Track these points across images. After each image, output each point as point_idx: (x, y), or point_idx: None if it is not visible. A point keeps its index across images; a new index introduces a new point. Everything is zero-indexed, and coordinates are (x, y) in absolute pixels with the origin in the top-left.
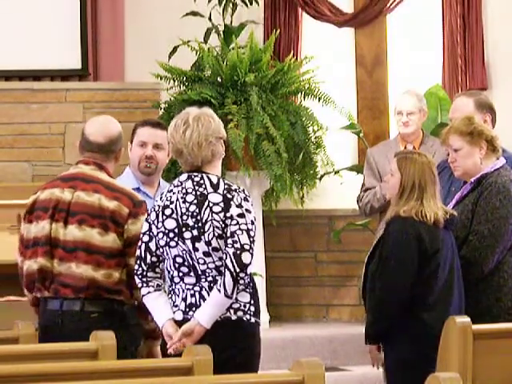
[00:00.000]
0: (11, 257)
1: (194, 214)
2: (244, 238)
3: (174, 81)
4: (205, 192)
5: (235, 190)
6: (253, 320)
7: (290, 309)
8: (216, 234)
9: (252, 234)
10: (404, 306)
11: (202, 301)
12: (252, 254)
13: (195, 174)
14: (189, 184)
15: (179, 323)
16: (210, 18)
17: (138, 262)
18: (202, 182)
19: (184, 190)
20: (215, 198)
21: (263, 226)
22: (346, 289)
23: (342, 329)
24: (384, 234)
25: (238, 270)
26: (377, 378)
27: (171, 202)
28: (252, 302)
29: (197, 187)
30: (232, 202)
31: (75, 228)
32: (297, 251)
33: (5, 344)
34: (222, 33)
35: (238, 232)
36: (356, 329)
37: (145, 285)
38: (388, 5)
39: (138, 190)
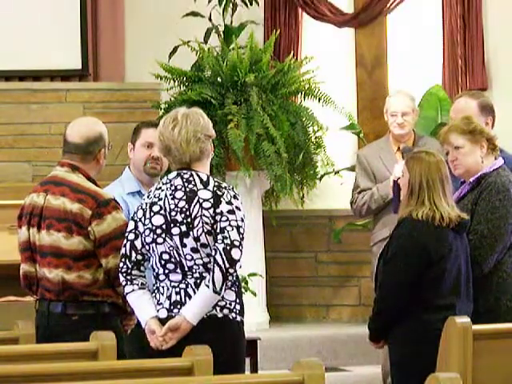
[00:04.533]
0: (11, 257)
1: (184, 209)
2: (234, 234)
3: (174, 81)
4: (194, 188)
5: (225, 188)
6: (238, 318)
7: (290, 309)
8: (205, 230)
9: (242, 230)
10: (401, 307)
11: (187, 298)
12: (241, 251)
13: (184, 171)
14: (178, 181)
15: (163, 321)
16: (210, 19)
17: (123, 259)
18: (191, 179)
19: (173, 187)
20: (205, 194)
21: (263, 226)
22: (346, 289)
23: (342, 329)
24: (392, 235)
25: (227, 265)
26: (377, 377)
27: (159, 199)
28: (237, 300)
29: (186, 184)
30: (222, 199)
31: (45, 233)
32: (297, 251)
33: (5, 344)
34: (222, 33)
35: (228, 228)
36: (356, 329)
37: (129, 283)
38: (388, 5)
39: (139, 193)
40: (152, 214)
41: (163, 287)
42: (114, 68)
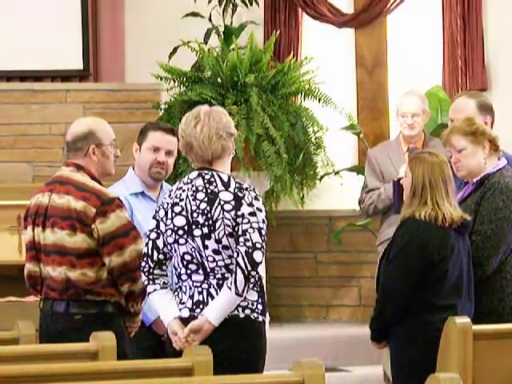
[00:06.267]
0: (11, 257)
1: (205, 211)
2: (256, 237)
3: (175, 81)
4: (216, 190)
5: (246, 189)
6: (260, 318)
7: (290, 309)
8: (226, 232)
9: (263, 232)
10: (403, 307)
11: (209, 298)
12: (263, 253)
13: (205, 171)
14: (199, 182)
15: (186, 320)
16: (210, 19)
17: (145, 259)
18: (212, 179)
19: (194, 188)
20: (226, 196)
21: None
22: (346, 289)
23: (342, 329)
24: (395, 235)
25: (249, 268)
26: (377, 378)
27: (181, 200)
28: (259, 300)
29: (207, 185)
30: (243, 201)
31: (49, 231)
32: (297, 252)
33: (5, 344)
34: (222, 33)
35: (250, 230)
36: (356, 329)
37: (151, 282)
38: (388, 5)
39: (142, 194)
40: (174, 214)
41: (185, 287)
42: (114, 68)
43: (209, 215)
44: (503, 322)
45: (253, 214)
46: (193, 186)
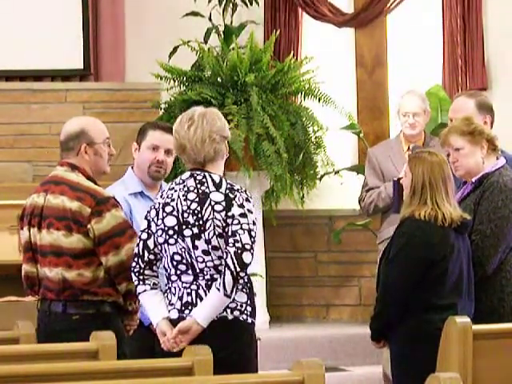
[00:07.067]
0: (11, 257)
1: (196, 211)
2: (245, 238)
3: (175, 81)
4: (207, 190)
5: (237, 190)
6: (249, 320)
7: (290, 309)
8: (216, 233)
9: (253, 234)
10: (403, 306)
11: (198, 300)
12: (252, 254)
13: (198, 172)
14: (191, 182)
15: (174, 322)
16: (210, 18)
17: (136, 259)
18: (204, 180)
19: (186, 188)
20: (217, 196)
21: (263, 226)
22: (346, 289)
23: (342, 329)
24: (395, 234)
25: (238, 269)
26: (377, 377)
27: (172, 200)
28: (249, 302)
29: (199, 185)
30: (234, 202)
31: (45, 232)
32: (297, 251)
33: (5, 344)
34: (222, 33)
35: (240, 231)
36: (356, 329)
37: (141, 283)
38: (388, 5)
39: (141, 193)
40: (164, 214)
41: (175, 288)
42: (114, 68)
43: (199, 215)
44: (503, 321)
45: (243, 215)
46: (184, 186)
